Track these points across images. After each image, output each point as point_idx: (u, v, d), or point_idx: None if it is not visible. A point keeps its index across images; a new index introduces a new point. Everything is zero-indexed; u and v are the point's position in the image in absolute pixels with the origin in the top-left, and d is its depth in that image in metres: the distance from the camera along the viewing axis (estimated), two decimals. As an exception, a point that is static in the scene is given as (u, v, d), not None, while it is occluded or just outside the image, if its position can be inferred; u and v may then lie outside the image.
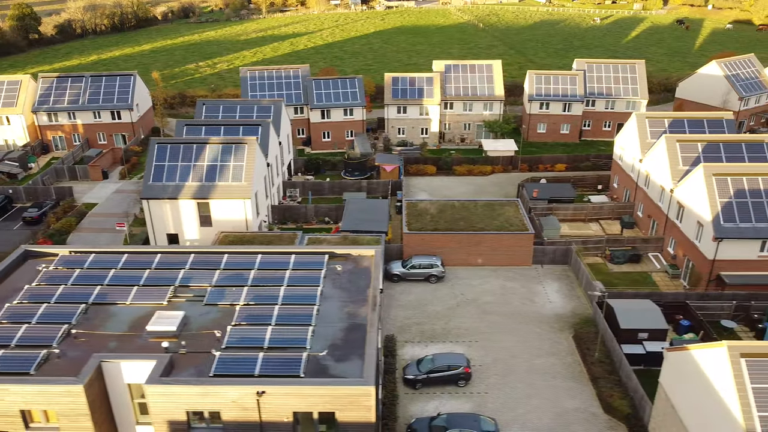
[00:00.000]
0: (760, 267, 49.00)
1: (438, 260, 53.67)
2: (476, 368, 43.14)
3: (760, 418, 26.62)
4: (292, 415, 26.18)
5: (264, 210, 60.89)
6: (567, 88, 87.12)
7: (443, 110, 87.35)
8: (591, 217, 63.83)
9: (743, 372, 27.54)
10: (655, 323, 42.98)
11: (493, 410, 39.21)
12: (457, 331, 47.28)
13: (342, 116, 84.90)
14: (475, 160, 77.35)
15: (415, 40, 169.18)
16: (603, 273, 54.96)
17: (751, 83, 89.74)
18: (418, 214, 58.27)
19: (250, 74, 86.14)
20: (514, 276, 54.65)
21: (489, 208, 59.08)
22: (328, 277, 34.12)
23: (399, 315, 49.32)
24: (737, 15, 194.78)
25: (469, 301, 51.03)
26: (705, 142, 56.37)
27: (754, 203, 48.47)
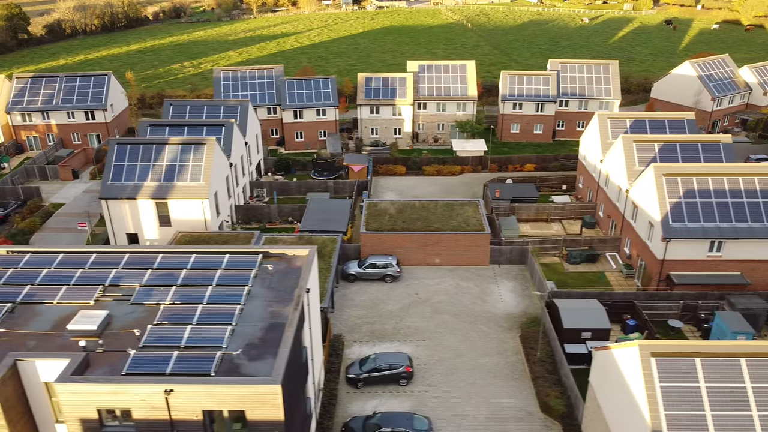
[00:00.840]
0: (709, 267, 49.23)
1: (393, 260, 53.92)
2: (421, 367, 43.39)
3: (667, 416, 26.88)
4: (201, 414, 26.42)
5: (226, 210, 61.15)
6: (540, 89, 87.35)
7: (417, 110, 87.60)
8: (553, 217, 64.07)
9: (653, 371, 27.82)
10: (598, 323, 43.22)
11: (431, 409, 39.47)
12: (406, 330, 47.53)
13: (315, 116, 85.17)
14: (444, 161, 77.61)
15: (402, 40, 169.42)
16: (559, 273, 55.19)
17: (725, 84, 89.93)
18: (378, 214, 58.53)
19: (223, 74, 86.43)
20: (470, 276, 54.89)
21: (449, 209, 59.32)
22: (259, 277, 34.36)
23: (351, 315, 49.58)
24: (726, 15, 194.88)
25: (422, 300, 51.28)
26: (661, 142, 56.58)
27: (703, 203, 48.70)
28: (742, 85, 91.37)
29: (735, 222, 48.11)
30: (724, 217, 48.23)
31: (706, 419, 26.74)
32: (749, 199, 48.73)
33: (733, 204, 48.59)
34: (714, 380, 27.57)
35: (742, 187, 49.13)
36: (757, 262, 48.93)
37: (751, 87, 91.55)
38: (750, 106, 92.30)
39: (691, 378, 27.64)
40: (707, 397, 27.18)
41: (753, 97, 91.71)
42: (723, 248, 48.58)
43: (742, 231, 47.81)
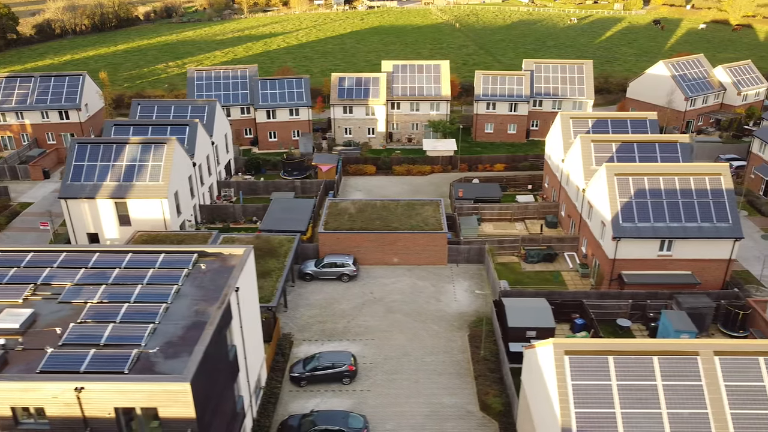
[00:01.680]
0: (660, 266, 49.40)
1: (350, 259, 54.11)
2: (366, 366, 43.60)
3: (577, 414, 27.07)
4: (113, 411, 26.64)
5: (189, 209, 61.36)
6: (513, 89, 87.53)
7: (390, 110, 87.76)
8: (517, 217, 64.23)
9: (565, 368, 28.02)
10: (543, 322, 43.39)
11: (372, 407, 39.67)
12: (357, 329, 47.73)
13: (288, 116, 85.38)
14: (414, 160, 77.80)
15: (389, 39, 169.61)
16: (516, 272, 55.38)
17: (699, 83, 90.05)
18: (338, 213, 58.73)
19: (197, 74, 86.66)
20: (427, 275, 55.08)
21: (409, 208, 59.51)
22: (191, 276, 34.57)
23: (304, 314, 49.79)
24: (715, 15, 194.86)
25: (376, 299, 51.48)
26: (619, 142, 56.73)
27: (654, 203, 48.87)
28: (716, 85, 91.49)
29: (685, 221, 48.29)
30: (674, 216, 48.40)
31: (616, 417, 26.94)
32: (699, 198, 48.90)
33: (683, 203, 48.76)
34: (626, 378, 27.76)
35: (692, 187, 49.30)
36: (707, 262, 49.09)
37: (725, 87, 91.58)
38: (724, 106, 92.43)
39: (603, 376, 27.83)
40: (618, 394, 27.37)
41: (727, 97, 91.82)
42: (673, 248, 48.75)
43: (691, 230, 47.97)
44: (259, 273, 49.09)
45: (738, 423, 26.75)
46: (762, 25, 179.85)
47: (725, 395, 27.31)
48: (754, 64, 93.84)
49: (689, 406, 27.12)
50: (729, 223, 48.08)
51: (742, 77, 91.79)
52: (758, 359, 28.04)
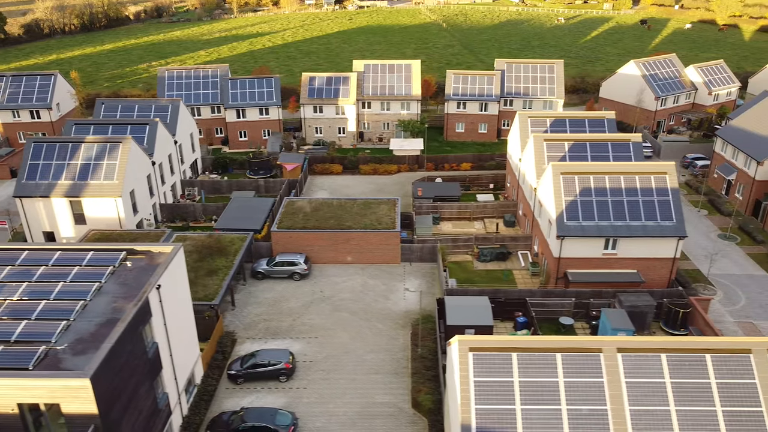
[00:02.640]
0: (605, 265, 49.58)
1: (302, 258, 54.31)
2: (306, 364, 43.82)
3: (477, 410, 27.26)
4: (17, 407, 26.86)
5: (148, 208, 61.58)
6: (484, 88, 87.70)
7: (361, 109, 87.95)
8: (476, 216, 64.39)
9: (469, 365, 28.20)
10: (481, 320, 43.56)
11: (305, 404, 39.90)
12: (302, 327, 47.94)
13: (258, 116, 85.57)
14: (381, 160, 78.01)
15: (375, 39, 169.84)
16: (468, 271, 55.57)
17: (670, 83, 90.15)
18: (293, 212, 58.94)
19: (168, 74, 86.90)
20: (379, 273, 55.28)
21: (365, 207, 59.72)
22: (117, 274, 34.78)
23: (252, 312, 50.00)
24: (702, 15, 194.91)
25: (325, 298, 51.68)
26: (572, 141, 56.90)
27: (599, 201, 49.04)
28: (688, 85, 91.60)
29: (629, 220, 48.45)
30: (618, 215, 48.56)
31: (516, 413, 27.12)
32: (644, 197, 49.06)
33: (628, 202, 48.93)
34: (528, 375, 27.94)
35: (638, 186, 49.46)
36: (652, 260, 49.25)
37: (697, 87, 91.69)
38: (696, 106, 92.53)
39: (506, 373, 28.02)
40: (519, 391, 27.55)
41: (699, 97, 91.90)
42: (618, 246, 48.90)
43: (635, 229, 48.13)
44: (206, 271, 49.37)
45: (636, 419, 26.91)
46: (748, 25, 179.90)
47: (625, 392, 27.48)
48: (726, 64, 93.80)
49: (589, 403, 27.29)
50: (673, 222, 48.23)
51: (714, 77, 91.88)
52: (660, 356, 28.22)
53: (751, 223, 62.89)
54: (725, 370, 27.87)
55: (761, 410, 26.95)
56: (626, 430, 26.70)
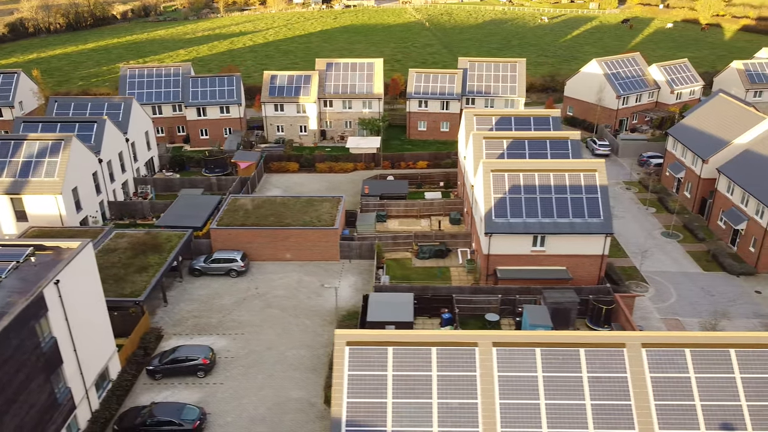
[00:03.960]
0: (534, 262, 49.75)
1: (239, 255, 54.50)
2: (227, 360, 44.03)
3: (349, 404, 27.45)
4: None
5: (94, 205, 61.78)
6: (446, 87, 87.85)
7: (323, 108, 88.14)
8: (423, 214, 64.54)
9: (344, 359, 28.40)
10: (402, 316, 43.77)
11: (219, 399, 40.12)
12: (230, 324, 48.16)
13: (219, 114, 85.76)
14: (337, 158, 78.19)
15: (356, 38, 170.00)
16: (406, 268, 55.75)
17: (632, 81, 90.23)
18: (235, 210, 59.15)
19: (129, 72, 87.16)
20: (317, 271, 55.47)
21: (308, 205, 59.92)
22: (20, 269, 34.99)
23: (183, 308, 50.21)
24: (686, 14, 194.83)
25: (259, 294, 51.88)
26: (510, 139, 57.07)
27: (528, 199, 49.21)
28: (651, 84, 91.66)
29: (557, 217, 48.60)
30: (546, 212, 48.72)
31: (387, 406, 27.31)
32: (573, 194, 49.22)
33: (556, 199, 49.10)
34: (403, 369, 28.12)
35: (567, 183, 49.61)
36: (581, 257, 49.42)
37: (660, 85, 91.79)
38: (659, 104, 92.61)
39: (380, 366, 28.21)
40: (392, 385, 27.74)
41: (661, 96, 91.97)
42: (546, 243, 49.06)
43: (563, 226, 48.29)
44: (137, 268, 49.61)
45: (506, 412, 27.10)
46: (730, 25, 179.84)
47: (497, 385, 27.67)
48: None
49: (460, 396, 27.48)
50: (600, 219, 48.39)
51: (677, 76, 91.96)
52: (535, 350, 28.41)
53: (696, 221, 63.00)
54: (598, 364, 28.04)
55: (630, 404, 27.12)
56: (495, 423, 26.87)
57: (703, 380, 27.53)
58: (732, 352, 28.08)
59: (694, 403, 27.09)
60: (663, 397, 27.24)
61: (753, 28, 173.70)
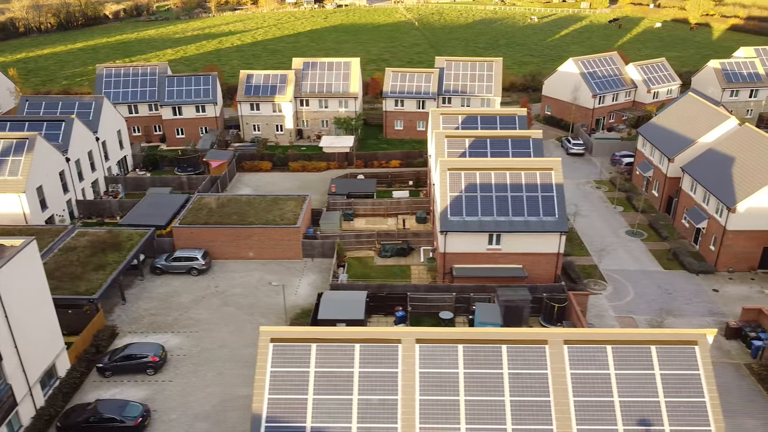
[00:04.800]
0: (490, 260, 49.87)
1: (200, 253, 54.66)
2: (179, 357, 44.22)
3: (270, 400, 27.60)
4: None
5: (61, 204, 61.98)
6: (422, 86, 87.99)
7: (300, 107, 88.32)
8: (390, 213, 64.68)
9: (268, 355, 28.55)
10: (352, 314, 43.93)
11: (165, 396, 40.31)
12: (186, 321, 48.33)
13: (194, 113, 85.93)
14: (310, 157, 78.34)
15: (344, 38, 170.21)
16: (368, 266, 55.91)
17: (608, 81, 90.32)
18: (199, 208, 59.33)
19: (106, 71, 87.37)
20: (279, 269, 55.63)
21: (273, 204, 60.09)
22: (-42, 266, 35.16)
23: (141, 306, 50.39)
24: (675, 14, 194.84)
25: (218, 293, 52.06)
26: (473, 138, 57.20)
27: (483, 197, 49.34)
28: (628, 83, 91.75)
29: (512, 216, 48.72)
30: (501, 210, 48.84)
31: (307, 403, 27.46)
32: (528, 193, 49.33)
33: (512, 198, 49.22)
34: (325, 365, 28.27)
35: (523, 182, 49.74)
36: (536, 255, 49.54)
37: (637, 84, 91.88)
38: (636, 104, 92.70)
39: (303, 363, 28.35)
40: (313, 381, 27.89)
41: (638, 95, 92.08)
42: (502, 242, 49.17)
43: (517, 224, 48.41)
44: (95, 266, 49.81)
45: (425, 408, 27.24)
46: (719, 24, 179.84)
47: (418, 381, 27.80)
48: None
49: (381, 393, 27.62)
50: (555, 218, 48.49)
51: (654, 75, 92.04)
52: (457, 347, 28.55)
53: (662, 220, 63.11)
54: (520, 360, 28.18)
55: (549, 400, 27.26)
56: (414, 419, 27.01)
57: (622, 376, 27.67)
58: (653, 349, 28.21)
59: (612, 400, 27.21)
60: (582, 393, 27.37)
61: (741, 27, 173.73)
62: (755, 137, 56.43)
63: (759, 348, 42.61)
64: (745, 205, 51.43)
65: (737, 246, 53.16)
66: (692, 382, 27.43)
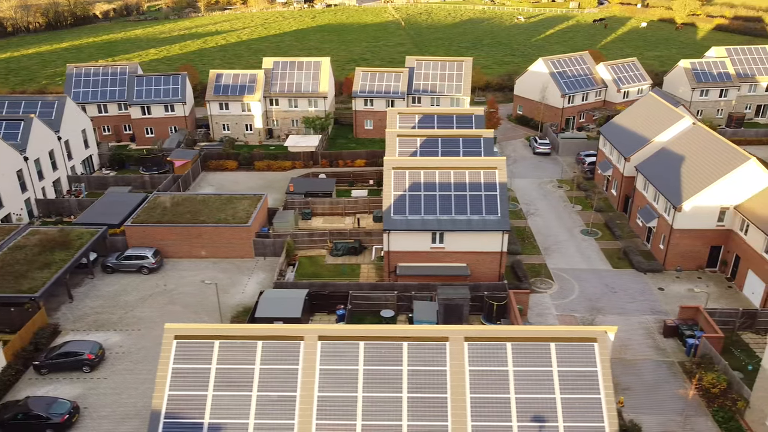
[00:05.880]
0: (434, 258, 50.06)
1: (150, 252, 54.88)
2: (117, 355, 44.46)
3: (170, 396, 27.81)
4: None
5: (18, 203, 62.23)
6: (391, 85, 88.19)
7: (269, 106, 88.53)
8: (348, 211, 64.87)
9: (171, 352, 28.76)
10: (289, 312, 44.15)
11: (99, 394, 40.56)
12: (130, 320, 48.55)
13: (163, 112, 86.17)
14: (276, 156, 78.55)
15: (328, 38, 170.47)
16: (318, 264, 56.10)
17: (578, 80, 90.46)
18: (154, 207, 59.55)
19: (75, 71, 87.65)
20: (230, 268, 55.84)
21: (227, 202, 60.31)
22: None
23: (88, 305, 50.62)
24: (662, 14, 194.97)
25: (166, 291, 52.27)
26: (424, 137, 57.38)
27: (427, 196, 49.51)
28: (599, 82, 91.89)
29: (455, 214, 48.89)
30: (445, 209, 49.03)
31: (207, 399, 27.66)
32: (472, 192, 49.51)
33: (455, 197, 49.40)
34: (227, 362, 28.46)
35: (467, 181, 49.91)
36: (480, 254, 49.73)
37: (607, 84, 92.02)
38: (607, 103, 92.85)
39: (205, 360, 28.55)
40: (214, 377, 28.09)
41: (609, 94, 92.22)
42: (445, 240, 49.34)
43: (460, 223, 48.60)
44: (41, 264, 50.07)
45: (322, 405, 27.43)
46: (705, 24, 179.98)
47: (318, 378, 28.00)
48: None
49: (281, 389, 27.81)
50: (498, 216, 48.67)
51: (624, 74, 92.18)
52: (359, 344, 28.74)
53: (619, 219, 63.29)
54: (420, 357, 28.36)
55: (446, 397, 27.44)
56: (311, 415, 27.21)
57: (520, 373, 27.85)
58: (552, 346, 28.39)
59: (509, 396, 27.39)
60: (479, 390, 27.56)
61: (726, 27, 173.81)
62: (706, 137, 56.60)
63: (692, 346, 42.76)
64: (690, 204, 51.60)
65: (684, 245, 53.32)
66: (589, 379, 27.62)
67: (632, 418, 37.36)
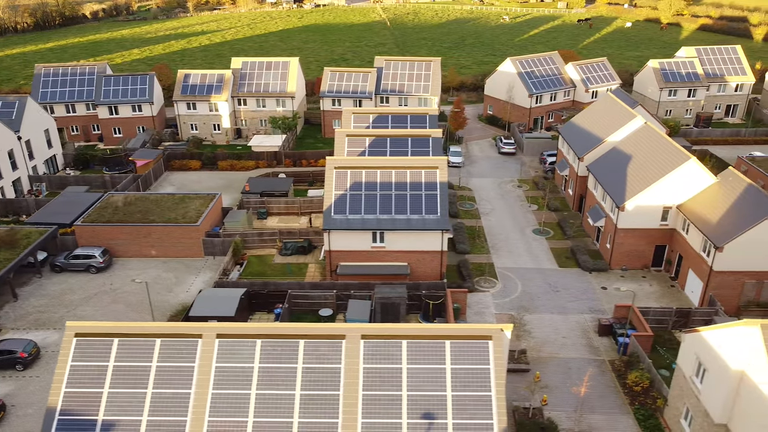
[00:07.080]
0: (375, 257, 50.25)
1: (98, 251, 55.11)
2: (53, 353, 44.71)
3: (66, 393, 28.03)
4: None
5: (-26, 202, 62.46)
6: (359, 85, 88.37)
7: (237, 106, 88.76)
8: (304, 211, 65.08)
9: (70, 350, 28.99)
10: (223, 311, 44.36)
11: (28, 392, 40.85)
12: (71, 319, 48.75)
13: (131, 112, 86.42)
14: (240, 156, 78.77)
15: (312, 38, 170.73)
16: (266, 264, 56.33)
17: (546, 80, 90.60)
18: (106, 206, 59.79)
19: (44, 71, 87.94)
20: (179, 267, 56.07)
21: (180, 201, 60.53)
22: None
23: (32, 304, 50.85)
24: (648, 13, 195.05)
25: (111, 290, 52.51)
26: (373, 137, 57.59)
27: (368, 195, 49.70)
28: (567, 82, 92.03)
29: (395, 213, 49.07)
30: (385, 208, 49.20)
31: (102, 396, 27.88)
32: (412, 191, 49.69)
33: (396, 196, 49.58)
34: (125, 359, 28.68)
35: (408, 180, 50.09)
36: (421, 253, 49.90)
37: (576, 84, 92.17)
38: (576, 103, 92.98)
39: (104, 357, 28.77)
40: (111, 375, 28.30)
41: (577, 95, 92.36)
42: (386, 239, 49.52)
43: (399, 222, 48.78)
44: (-16, 263, 50.17)
45: (216, 402, 27.64)
46: (690, 24, 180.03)
47: (213, 376, 28.21)
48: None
49: (176, 387, 28.03)
50: (437, 216, 48.85)
51: (592, 74, 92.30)
52: (256, 341, 28.95)
53: (573, 219, 63.45)
54: (316, 355, 28.58)
55: (338, 394, 27.65)
56: (204, 412, 27.42)
57: (414, 371, 28.05)
58: (447, 344, 28.58)
59: (401, 393, 27.59)
60: (372, 387, 27.76)
61: (710, 27, 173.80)
62: (653, 137, 56.77)
63: (623, 344, 42.94)
64: (633, 203, 51.77)
65: (629, 244, 53.49)
66: (481, 377, 27.80)
67: (550, 416, 37.52)
